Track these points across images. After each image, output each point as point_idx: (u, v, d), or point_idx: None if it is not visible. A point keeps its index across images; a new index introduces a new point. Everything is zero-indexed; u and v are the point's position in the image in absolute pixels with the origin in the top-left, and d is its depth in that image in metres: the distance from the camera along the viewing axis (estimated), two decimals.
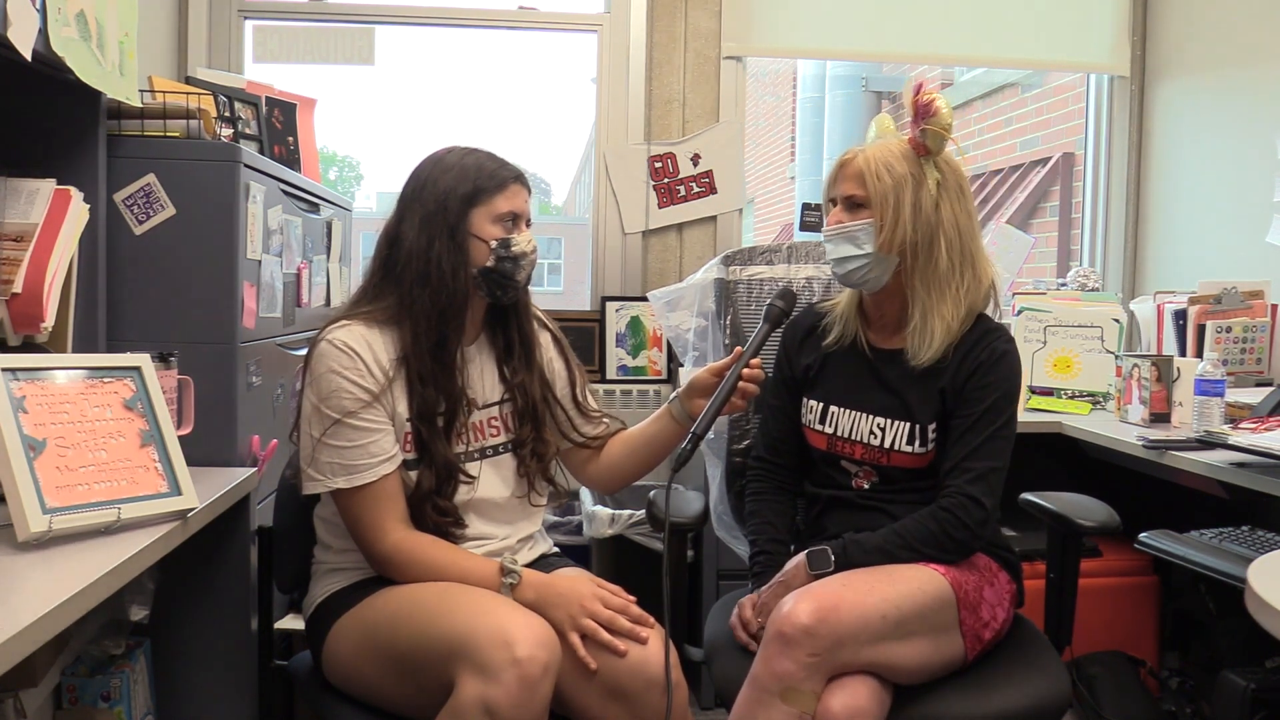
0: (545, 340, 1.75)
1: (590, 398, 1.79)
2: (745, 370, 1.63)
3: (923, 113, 1.64)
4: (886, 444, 1.67)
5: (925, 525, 1.57)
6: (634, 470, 1.75)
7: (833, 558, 1.57)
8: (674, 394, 1.73)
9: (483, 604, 1.41)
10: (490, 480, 1.63)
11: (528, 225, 1.63)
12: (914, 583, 1.52)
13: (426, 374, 1.56)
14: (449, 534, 1.58)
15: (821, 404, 1.75)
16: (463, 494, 1.59)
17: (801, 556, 1.60)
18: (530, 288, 1.72)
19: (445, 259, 1.55)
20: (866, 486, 1.71)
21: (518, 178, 1.62)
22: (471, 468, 1.61)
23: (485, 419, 1.65)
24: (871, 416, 1.69)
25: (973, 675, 1.56)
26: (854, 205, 1.67)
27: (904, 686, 1.50)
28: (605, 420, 1.79)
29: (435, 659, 1.38)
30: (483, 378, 1.66)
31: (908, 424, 1.66)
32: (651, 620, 1.51)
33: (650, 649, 1.46)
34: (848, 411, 1.72)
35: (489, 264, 1.57)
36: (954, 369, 1.64)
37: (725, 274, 2.07)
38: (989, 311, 1.71)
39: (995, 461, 1.60)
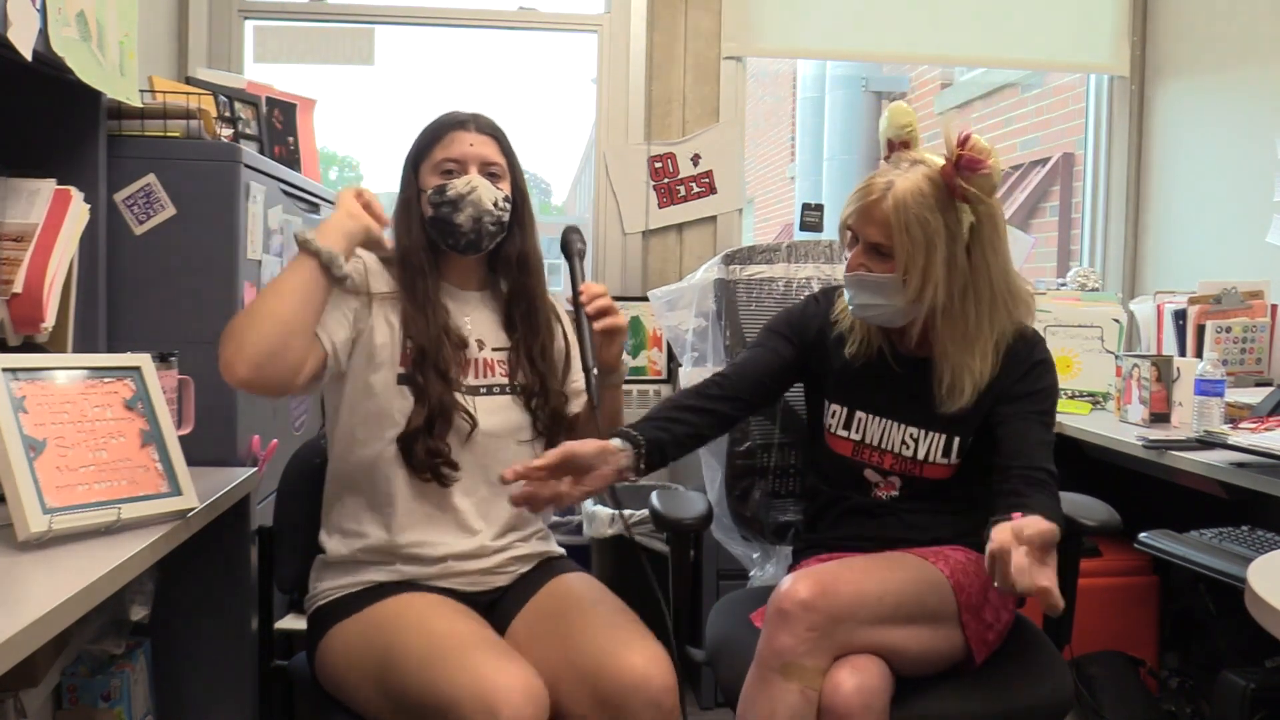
0: (557, 331, 1.73)
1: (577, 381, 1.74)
2: (583, 298, 1.56)
3: (969, 168, 1.48)
4: (920, 455, 1.62)
5: (1052, 497, 1.49)
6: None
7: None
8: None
9: (466, 659, 1.37)
10: (490, 417, 1.60)
11: (490, 170, 1.61)
12: (910, 570, 1.52)
13: (412, 314, 1.57)
14: (440, 474, 1.56)
15: (846, 409, 1.68)
16: (461, 429, 1.57)
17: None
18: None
19: (401, 220, 1.62)
20: (885, 499, 1.67)
21: (461, 124, 1.62)
22: (470, 402, 1.59)
23: (493, 359, 1.64)
24: (904, 426, 1.63)
25: (976, 675, 1.56)
26: (879, 253, 1.53)
27: (907, 683, 1.49)
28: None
29: (420, 712, 1.37)
30: (485, 322, 1.66)
31: (944, 435, 1.61)
32: None
33: (651, 668, 1.42)
34: (877, 419, 1.65)
35: (429, 214, 1.60)
36: (1000, 381, 1.59)
37: (725, 274, 2.06)
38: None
39: (1051, 446, 1.59)
